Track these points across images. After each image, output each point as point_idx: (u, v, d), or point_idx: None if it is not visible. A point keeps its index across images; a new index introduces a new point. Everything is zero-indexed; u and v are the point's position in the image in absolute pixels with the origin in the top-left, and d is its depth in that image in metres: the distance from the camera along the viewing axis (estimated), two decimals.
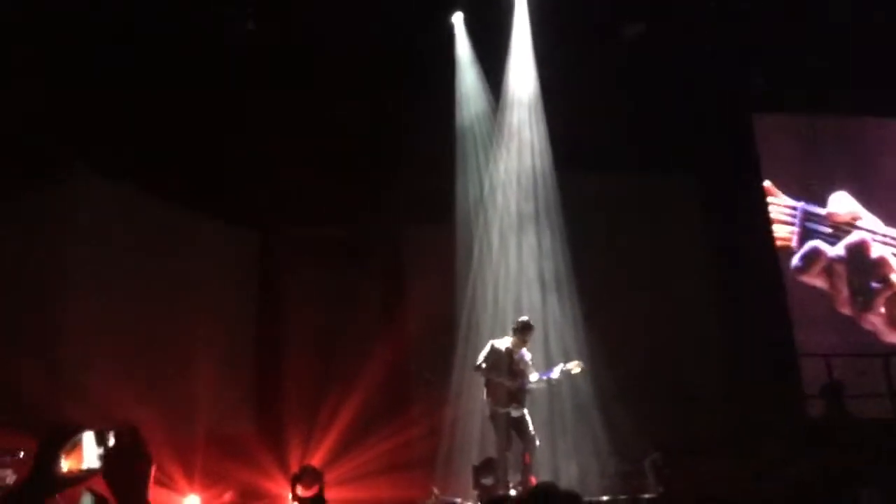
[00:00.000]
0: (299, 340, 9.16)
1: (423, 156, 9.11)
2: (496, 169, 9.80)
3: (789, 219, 10.11)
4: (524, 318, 7.83)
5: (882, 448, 5.66)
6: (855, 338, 9.44)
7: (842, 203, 10.32)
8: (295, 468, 7.56)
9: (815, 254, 10.07)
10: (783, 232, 10.02)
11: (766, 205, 9.94)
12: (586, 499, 7.08)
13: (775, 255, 9.68)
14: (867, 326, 9.85)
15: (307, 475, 6.85)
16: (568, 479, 8.27)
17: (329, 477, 7.92)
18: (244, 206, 9.04)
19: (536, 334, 8.84)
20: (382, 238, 9.81)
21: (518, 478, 7.31)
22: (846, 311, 9.83)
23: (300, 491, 6.94)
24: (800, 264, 10.02)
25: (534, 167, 9.80)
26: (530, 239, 9.62)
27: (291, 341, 9.21)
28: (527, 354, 7.72)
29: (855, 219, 10.27)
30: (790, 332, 9.10)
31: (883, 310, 9.85)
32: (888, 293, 9.97)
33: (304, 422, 8.47)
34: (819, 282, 10.01)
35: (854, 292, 9.75)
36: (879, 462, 4.88)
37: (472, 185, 9.73)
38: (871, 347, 9.26)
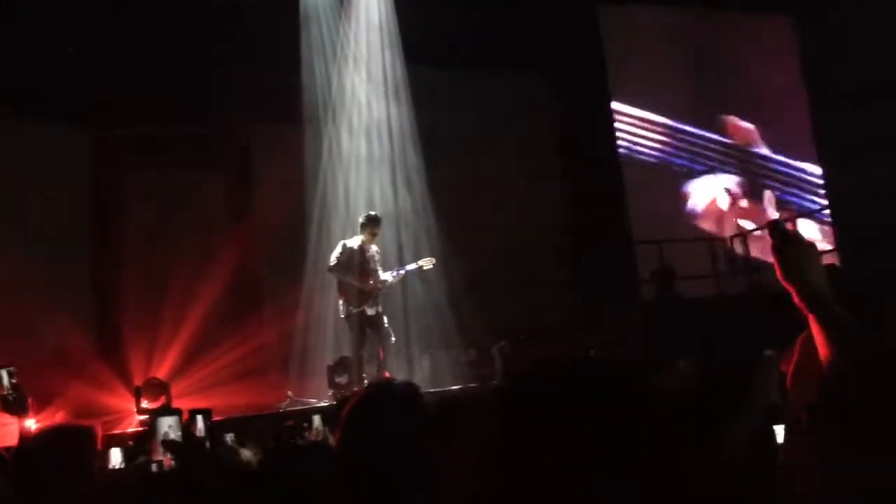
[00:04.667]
0: (138, 247, 8.65)
1: (266, 48, 8.63)
2: (345, 64, 9.44)
3: (636, 122, 10.42)
4: (371, 212, 7.77)
5: (703, 323, 6.16)
6: (684, 226, 10.04)
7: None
8: (139, 382, 7.31)
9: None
10: (626, 132, 10.33)
11: (609, 102, 10.18)
12: (438, 389, 7.32)
13: (615, 150, 10.01)
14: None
15: (151, 387, 6.68)
16: (421, 371, 8.50)
17: (178, 387, 7.72)
18: (72, 106, 8.23)
19: (389, 231, 8.83)
20: (226, 136, 9.31)
21: (374, 373, 7.42)
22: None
23: (145, 403, 6.77)
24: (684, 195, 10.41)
25: (384, 61, 9.52)
26: (382, 135, 9.45)
27: (129, 248, 8.68)
28: (378, 253, 7.71)
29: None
30: (627, 222, 9.57)
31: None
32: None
33: (146, 333, 8.12)
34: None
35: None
36: (702, 336, 5.29)
37: (320, 80, 9.34)
38: (699, 233, 9.88)
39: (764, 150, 10.66)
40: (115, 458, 3.82)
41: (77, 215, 8.61)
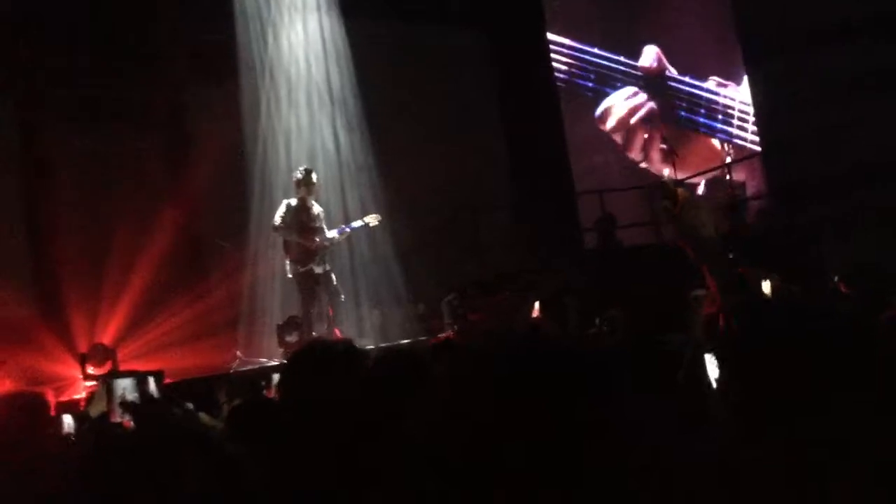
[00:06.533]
0: (75, 213, 8.42)
1: (199, 5, 8.40)
2: (280, 20, 9.23)
3: (576, 63, 10.51)
4: (301, 167, 7.72)
5: (641, 269, 6.38)
6: (625, 174, 10.25)
7: (647, 55, 10.82)
8: (84, 348, 7.21)
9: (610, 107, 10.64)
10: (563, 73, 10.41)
11: (548, 51, 10.23)
12: (386, 344, 7.43)
13: (557, 104, 10.10)
14: (646, 165, 10.64)
15: (96, 353, 6.61)
16: (371, 326, 8.58)
17: (125, 352, 7.64)
18: None
19: (333, 189, 8.80)
20: (162, 97, 9.06)
21: (324, 331, 7.47)
22: (635, 156, 10.57)
23: (91, 369, 6.70)
24: (599, 115, 10.59)
25: (320, 16, 9.34)
26: (321, 93, 9.32)
27: (66, 214, 8.44)
28: (322, 211, 7.69)
29: (659, 70, 10.84)
30: (569, 174, 9.71)
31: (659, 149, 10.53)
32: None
33: (89, 299, 7.96)
34: (614, 131, 10.62)
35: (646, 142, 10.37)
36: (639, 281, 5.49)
37: (255, 37, 9.13)
38: (639, 181, 10.10)
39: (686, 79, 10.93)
40: (68, 423, 3.81)
41: (7, 184, 8.31)
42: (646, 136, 10.31)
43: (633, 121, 10.60)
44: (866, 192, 7.82)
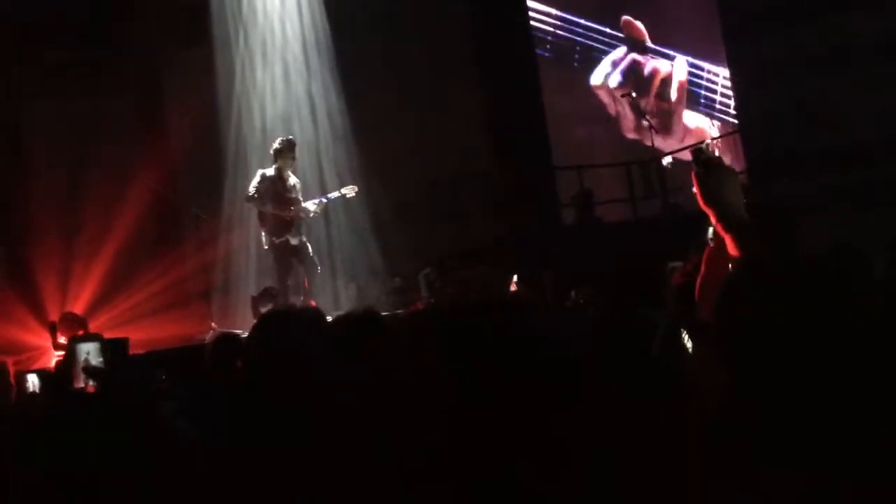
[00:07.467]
0: (47, 179, 8.25)
1: None
2: None
3: (561, 33, 10.38)
4: (283, 137, 7.59)
5: (619, 244, 6.39)
6: (612, 149, 10.18)
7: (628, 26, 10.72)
8: (55, 317, 7.10)
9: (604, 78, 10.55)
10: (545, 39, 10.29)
11: (528, 19, 10.09)
12: None
13: (537, 74, 9.99)
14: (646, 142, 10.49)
15: (67, 322, 6.50)
16: (348, 299, 8.53)
17: (98, 322, 7.53)
18: None
19: (309, 158, 8.68)
20: (135, 60, 8.87)
21: (299, 302, 7.41)
22: (632, 135, 10.49)
23: (62, 339, 6.60)
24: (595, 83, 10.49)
25: None
26: (297, 59, 9.17)
27: (37, 180, 8.27)
28: (298, 182, 7.59)
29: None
30: (548, 149, 9.65)
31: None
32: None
33: (60, 267, 7.83)
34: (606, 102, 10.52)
35: (638, 115, 10.26)
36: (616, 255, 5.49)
37: (230, 3, 8.94)
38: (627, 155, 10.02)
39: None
40: (33, 382, 3.74)
41: None
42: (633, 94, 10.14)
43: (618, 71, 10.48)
44: (842, 170, 7.86)
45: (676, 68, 10.89)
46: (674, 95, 10.91)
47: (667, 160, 9.35)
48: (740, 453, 1.05)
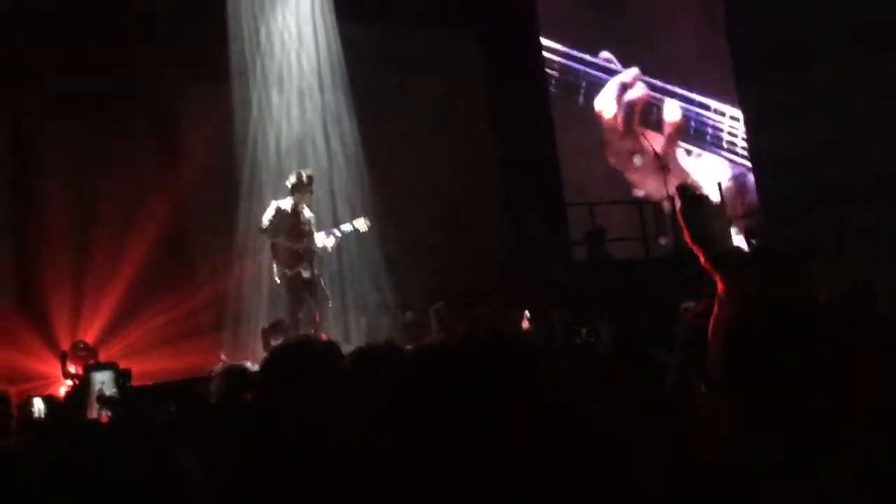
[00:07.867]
0: (62, 208, 8.32)
1: (190, 4, 8.36)
2: (273, 19, 9.19)
3: (569, 70, 10.47)
4: (302, 172, 7.60)
5: (630, 282, 6.36)
6: (615, 187, 10.20)
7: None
8: (66, 346, 7.12)
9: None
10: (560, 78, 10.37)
11: (541, 55, 10.20)
12: None
13: (549, 109, 10.07)
14: (629, 177, 10.55)
15: (78, 351, 6.53)
16: (358, 333, 8.51)
17: (108, 352, 7.53)
18: None
19: (323, 192, 8.73)
20: (152, 92, 8.99)
21: (310, 335, 7.38)
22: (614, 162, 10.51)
23: (72, 368, 6.62)
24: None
25: (313, 16, 9.31)
26: (313, 94, 9.28)
27: (52, 210, 8.34)
28: (313, 217, 7.62)
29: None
30: (560, 185, 9.68)
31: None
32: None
33: (73, 296, 7.86)
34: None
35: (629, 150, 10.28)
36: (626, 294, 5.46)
37: (248, 34, 9.08)
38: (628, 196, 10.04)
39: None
40: (39, 408, 3.72)
41: None
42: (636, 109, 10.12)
43: (625, 97, 10.49)
44: (854, 207, 7.82)
45: (668, 109, 10.87)
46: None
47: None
48: (749, 495, 1.04)
